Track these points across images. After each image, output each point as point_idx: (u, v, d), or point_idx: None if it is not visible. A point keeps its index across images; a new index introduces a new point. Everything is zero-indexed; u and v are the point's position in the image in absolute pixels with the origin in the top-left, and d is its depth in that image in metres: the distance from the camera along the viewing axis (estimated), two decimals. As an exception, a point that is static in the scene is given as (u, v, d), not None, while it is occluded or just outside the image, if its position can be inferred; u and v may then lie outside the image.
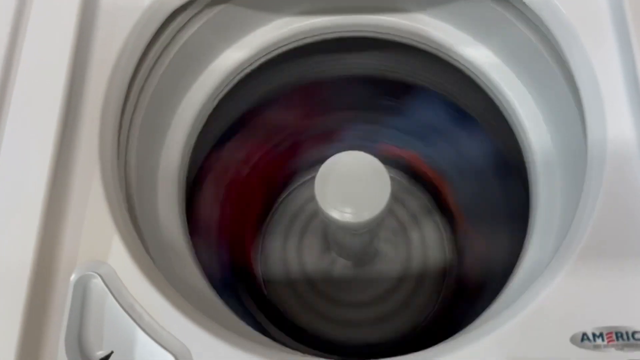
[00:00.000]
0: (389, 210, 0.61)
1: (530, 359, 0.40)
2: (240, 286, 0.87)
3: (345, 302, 0.93)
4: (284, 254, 0.97)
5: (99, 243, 0.46)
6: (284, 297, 0.94)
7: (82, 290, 0.44)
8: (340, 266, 0.94)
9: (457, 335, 0.48)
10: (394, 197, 0.61)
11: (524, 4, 0.57)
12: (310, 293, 0.94)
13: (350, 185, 0.61)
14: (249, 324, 0.53)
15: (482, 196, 0.87)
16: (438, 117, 0.84)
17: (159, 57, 0.61)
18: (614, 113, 0.49)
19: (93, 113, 0.51)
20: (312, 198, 0.61)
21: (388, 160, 0.84)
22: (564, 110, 0.59)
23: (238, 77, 0.72)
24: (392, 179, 0.61)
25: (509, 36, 0.64)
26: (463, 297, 0.87)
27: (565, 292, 0.42)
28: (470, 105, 0.79)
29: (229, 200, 0.89)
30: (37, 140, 0.47)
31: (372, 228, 0.64)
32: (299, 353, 0.46)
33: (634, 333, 0.40)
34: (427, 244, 0.97)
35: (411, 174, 1.00)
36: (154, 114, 0.62)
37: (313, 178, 0.61)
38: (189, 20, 0.62)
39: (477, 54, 0.68)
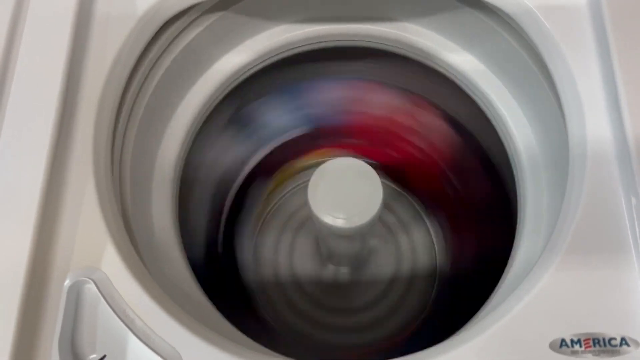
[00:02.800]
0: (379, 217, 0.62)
1: (510, 364, 0.41)
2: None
3: (335, 308, 0.94)
4: (276, 255, 0.97)
5: (93, 249, 0.46)
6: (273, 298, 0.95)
7: (75, 295, 0.45)
8: (331, 271, 0.95)
9: (443, 342, 0.49)
10: (384, 204, 0.62)
11: (507, 14, 0.58)
12: (299, 297, 0.95)
13: (343, 191, 0.62)
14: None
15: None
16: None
17: (154, 64, 0.62)
18: (593, 116, 0.50)
19: (87, 120, 0.51)
20: (306, 201, 0.62)
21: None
22: (547, 112, 0.60)
23: (234, 84, 0.73)
24: (383, 184, 0.62)
25: (494, 43, 0.65)
26: (454, 299, 0.88)
27: (545, 300, 0.44)
28: (457, 109, 0.80)
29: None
30: (31, 147, 0.48)
31: (364, 233, 0.65)
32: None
33: (610, 339, 0.41)
34: (416, 247, 0.98)
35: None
36: (150, 118, 0.63)
37: (306, 182, 0.62)
38: (184, 29, 0.63)
39: (462, 60, 0.70)
